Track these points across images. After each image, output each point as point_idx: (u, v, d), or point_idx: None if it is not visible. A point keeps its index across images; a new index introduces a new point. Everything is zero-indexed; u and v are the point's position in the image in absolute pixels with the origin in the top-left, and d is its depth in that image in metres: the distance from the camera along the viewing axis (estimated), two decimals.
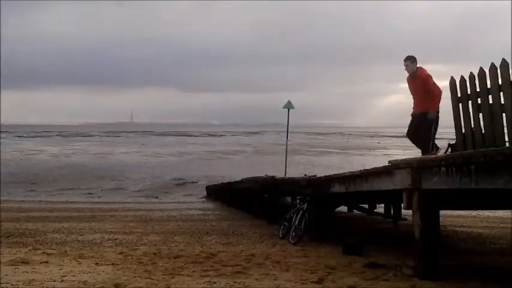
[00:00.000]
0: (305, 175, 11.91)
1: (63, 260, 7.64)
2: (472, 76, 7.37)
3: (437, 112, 8.66)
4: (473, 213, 15.10)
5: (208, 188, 23.73)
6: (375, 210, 14.31)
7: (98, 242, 10.26)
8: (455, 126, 7.80)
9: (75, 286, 6.02)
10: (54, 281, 6.24)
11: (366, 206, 14.10)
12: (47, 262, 7.45)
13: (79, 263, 7.46)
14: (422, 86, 8.69)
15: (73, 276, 6.53)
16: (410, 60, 8.89)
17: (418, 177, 6.50)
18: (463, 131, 7.64)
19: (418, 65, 8.87)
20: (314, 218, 10.31)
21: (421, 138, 8.77)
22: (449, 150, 7.97)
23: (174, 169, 34.12)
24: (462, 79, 7.58)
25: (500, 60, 6.77)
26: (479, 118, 7.31)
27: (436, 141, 8.79)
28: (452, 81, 7.81)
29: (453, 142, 8.04)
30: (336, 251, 8.78)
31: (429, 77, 8.75)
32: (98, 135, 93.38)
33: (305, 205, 10.56)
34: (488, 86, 7.05)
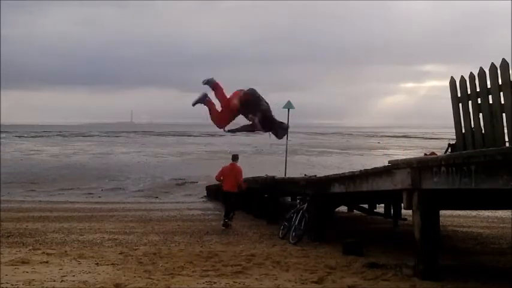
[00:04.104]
0: (305, 175, 11.91)
1: (63, 260, 7.64)
2: (472, 76, 7.36)
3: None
4: (473, 213, 15.11)
5: (208, 188, 23.71)
6: (375, 210, 14.30)
7: (98, 242, 10.27)
8: (455, 126, 7.79)
9: (75, 286, 6.02)
10: (54, 281, 6.24)
11: (366, 206, 14.10)
12: (47, 262, 7.45)
13: (79, 263, 7.46)
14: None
15: (73, 276, 6.53)
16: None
17: (418, 177, 6.50)
18: (463, 131, 7.63)
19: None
20: (314, 218, 10.31)
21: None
22: (449, 150, 7.97)
23: (174, 169, 34.12)
24: (462, 79, 7.57)
25: (500, 60, 6.77)
26: (479, 118, 7.30)
27: (436, 141, 8.78)
28: (452, 81, 7.80)
29: (453, 142, 8.04)
30: (336, 251, 8.78)
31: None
32: (98, 135, 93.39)
33: (305, 205, 10.57)
34: (488, 86, 7.05)
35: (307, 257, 8.30)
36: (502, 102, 6.80)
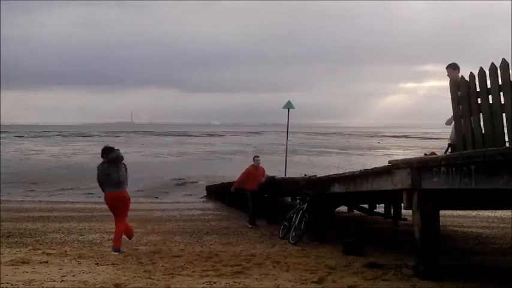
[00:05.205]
0: (305, 175, 11.91)
1: (63, 260, 7.63)
2: (472, 76, 7.36)
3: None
4: (473, 213, 15.10)
5: (208, 188, 23.71)
6: (375, 210, 14.30)
7: (98, 242, 10.27)
8: (455, 126, 7.79)
9: (75, 286, 6.01)
10: (54, 281, 6.23)
11: (366, 206, 14.10)
12: (47, 262, 7.44)
13: (79, 263, 7.45)
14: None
15: (73, 276, 6.52)
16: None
17: (418, 177, 6.50)
18: (463, 131, 7.62)
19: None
20: (314, 218, 10.31)
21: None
22: (449, 150, 7.96)
23: (174, 169, 34.08)
24: (462, 79, 7.57)
25: (500, 60, 6.76)
26: (479, 118, 7.30)
27: (436, 141, 8.80)
28: (452, 81, 7.79)
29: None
30: (336, 251, 8.78)
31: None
32: (98, 135, 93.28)
33: (305, 205, 10.57)
34: (488, 86, 7.04)
35: (307, 257, 8.30)
36: (502, 102, 6.80)
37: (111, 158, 8.87)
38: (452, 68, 8.27)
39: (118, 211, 8.97)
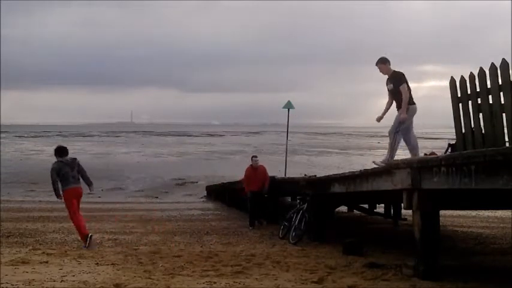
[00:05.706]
0: (305, 175, 11.91)
1: (63, 260, 7.63)
2: (472, 76, 7.37)
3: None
4: (473, 213, 15.10)
5: (208, 188, 23.70)
6: (375, 210, 14.30)
7: (98, 242, 10.27)
8: (455, 126, 7.80)
9: (75, 286, 6.01)
10: (54, 281, 6.23)
11: (366, 206, 14.10)
12: (47, 262, 7.44)
13: (79, 263, 7.45)
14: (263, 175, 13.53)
15: (73, 276, 6.52)
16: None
17: (418, 177, 6.50)
18: (463, 131, 7.63)
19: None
20: (314, 218, 10.31)
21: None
22: (449, 150, 7.97)
23: (174, 169, 34.06)
24: (462, 79, 7.57)
25: (500, 60, 6.77)
26: (479, 118, 7.31)
27: (436, 141, 8.79)
28: (452, 81, 7.80)
29: (453, 142, 8.04)
30: (336, 251, 8.78)
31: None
32: (98, 135, 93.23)
33: (305, 205, 10.57)
34: (488, 86, 7.05)
35: (307, 257, 8.30)
36: (502, 102, 6.80)
37: (66, 161, 9.87)
38: (382, 62, 8.31)
39: (76, 205, 10.02)
